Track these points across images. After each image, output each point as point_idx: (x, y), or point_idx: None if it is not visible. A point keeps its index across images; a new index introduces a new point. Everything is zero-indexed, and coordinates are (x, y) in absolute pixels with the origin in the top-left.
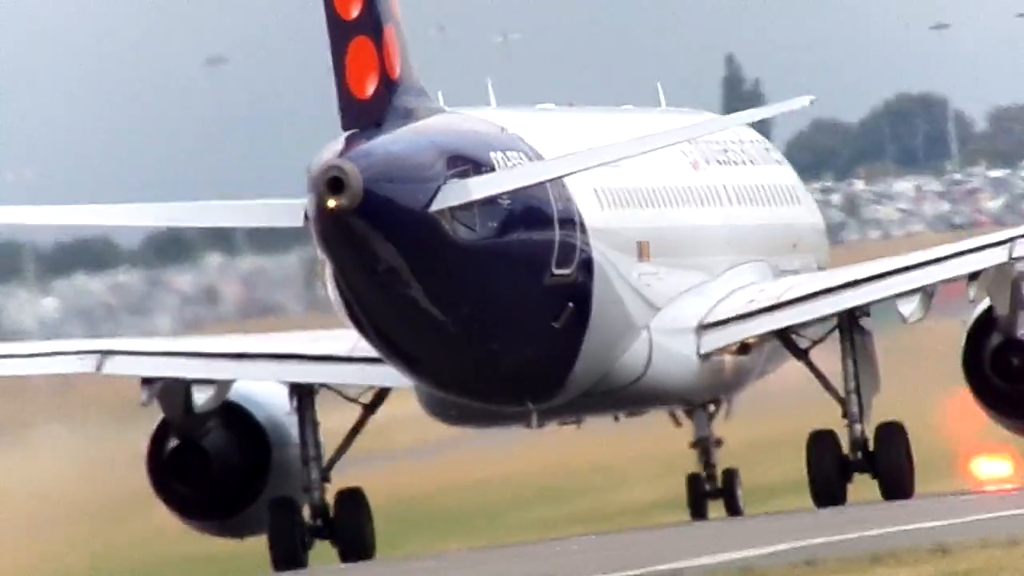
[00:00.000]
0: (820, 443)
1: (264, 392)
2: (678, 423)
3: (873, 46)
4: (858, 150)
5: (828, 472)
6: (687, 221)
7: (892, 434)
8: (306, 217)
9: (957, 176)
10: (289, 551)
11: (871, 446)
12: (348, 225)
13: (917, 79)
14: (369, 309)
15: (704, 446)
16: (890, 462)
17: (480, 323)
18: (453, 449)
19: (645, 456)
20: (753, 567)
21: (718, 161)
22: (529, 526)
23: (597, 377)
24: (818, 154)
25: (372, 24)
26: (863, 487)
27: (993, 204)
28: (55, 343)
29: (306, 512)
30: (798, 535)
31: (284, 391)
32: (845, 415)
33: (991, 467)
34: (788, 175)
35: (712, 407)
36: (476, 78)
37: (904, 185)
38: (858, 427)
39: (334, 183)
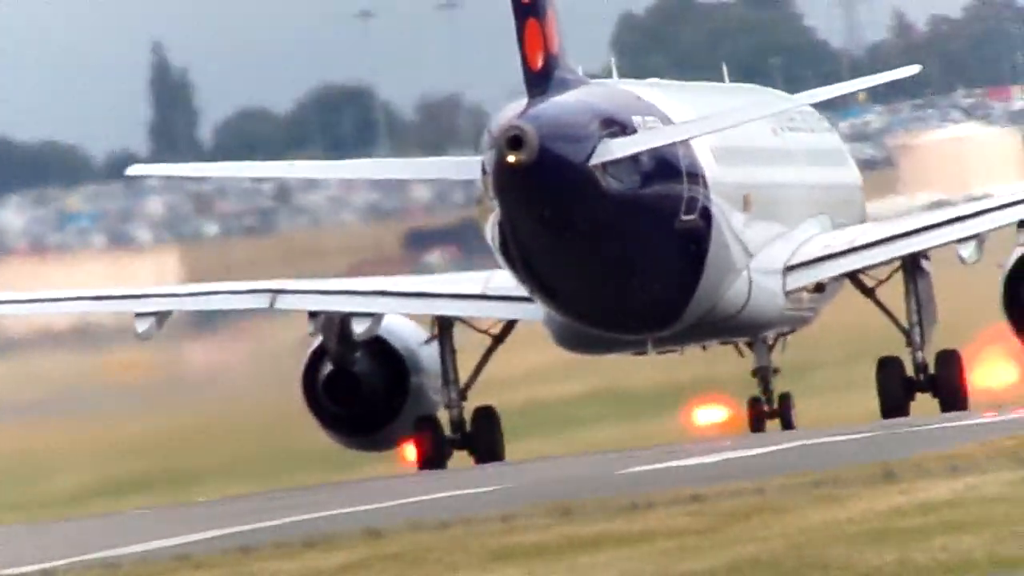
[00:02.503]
0: (888, 367)
1: (400, 325)
2: (741, 353)
3: (301, 33)
4: (288, 139)
5: (895, 391)
6: (775, 178)
7: (949, 359)
8: (483, 171)
9: None
10: (433, 458)
11: (931, 370)
12: (525, 177)
13: (345, 68)
14: (532, 250)
15: (764, 374)
16: (949, 383)
17: (622, 262)
18: None
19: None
20: (189, 554)
21: (788, 128)
22: None
23: (706, 310)
24: (249, 142)
25: (540, 7)
26: None
27: (424, 193)
28: (233, 284)
29: (446, 426)
30: (234, 520)
31: (416, 325)
32: (909, 344)
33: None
34: (836, 140)
35: (771, 340)
36: None
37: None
38: (920, 354)
39: (514, 141)
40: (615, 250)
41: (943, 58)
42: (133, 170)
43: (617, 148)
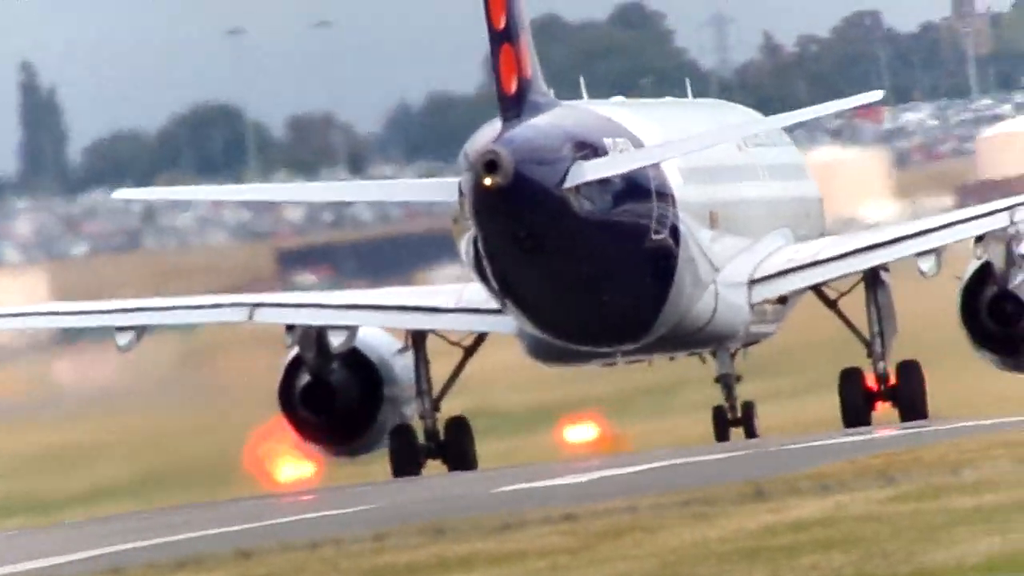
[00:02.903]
0: (849, 377)
1: (374, 337)
2: (704, 361)
3: (171, 52)
4: (157, 159)
5: (856, 401)
6: (740, 194)
7: (910, 370)
8: (460, 192)
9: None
10: (406, 466)
11: (892, 380)
12: (500, 199)
13: (215, 87)
14: (507, 268)
15: (727, 382)
16: (910, 393)
17: (594, 279)
18: None
19: None
20: (58, 575)
21: (752, 144)
22: None
23: (675, 323)
24: (117, 164)
25: (513, 33)
26: None
27: (296, 214)
28: (213, 297)
29: (420, 435)
30: (104, 541)
31: (390, 336)
32: (870, 355)
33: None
34: (798, 155)
35: (733, 349)
36: None
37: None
38: (881, 364)
39: (490, 165)
40: (588, 268)
41: (812, 78)
42: (119, 194)
43: (589, 171)
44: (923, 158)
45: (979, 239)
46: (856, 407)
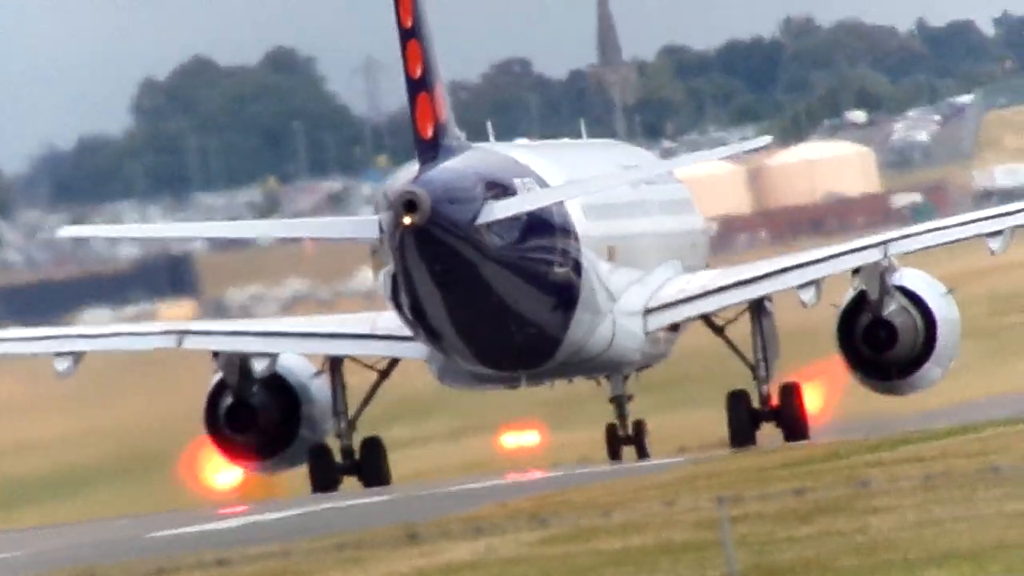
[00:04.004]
0: (736, 400)
1: (293, 361)
2: (599, 383)
3: None
4: None
5: (743, 422)
6: (635, 229)
7: (791, 392)
8: (380, 229)
9: None
10: (324, 483)
11: (775, 401)
12: (418, 236)
13: None
14: (422, 299)
15: (620, 402)
16: (791, 414)
17: (502, 308)
18: None
19: None
20: None
21: (644, 182)
22: None
23: (576, 350)
24: None
25: (428, 82)
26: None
27: None
28: (142, 324)
29: (336, 454)
30: None
31: (307, 361)
32: (755, 378)
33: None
34: (684, 191)
35: (627, 372)
36: None
37: None
38: (765, 387)
39: (409, 204)
40: (497, 298)
41: (463, 125)
42: (66, 231)
43: (499, 210)
44: None
45: (855, 271)
46: (742, 427)
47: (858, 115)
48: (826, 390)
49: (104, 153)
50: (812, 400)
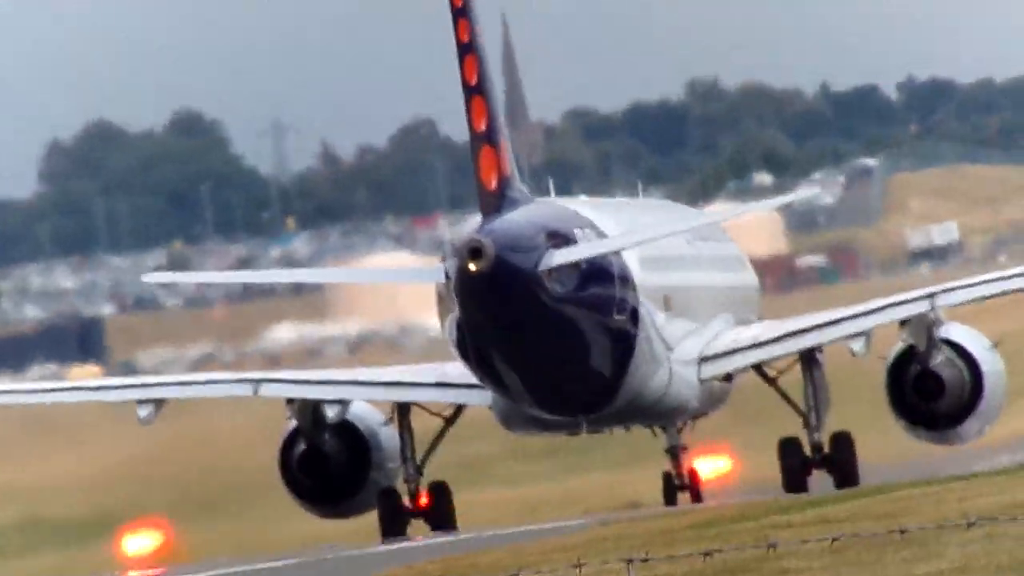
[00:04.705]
0: (788, 447)
1: (363, 408)
2: (655, 433)
3: None
4: None
5: (795, 468)
6: (690, 282)
7: (843, 440)
8: (446, 276)
9: None
10: (392, 527)
11: (826, 449)
12: (483, 282)
13: None
14: (486, 344)
15: (674, 452)
16: (843, 462)
17: (563, 354)
18: None
19: None
20: None
21: (699, 239)
22: None
23: (633, 397)
24: None
25: (493, 136)
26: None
27: None
28: (219, 373)
29: (405, 498)
30: None
31: (375, 409)
32: (806, 425)
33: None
34: (736, 248)
35: (680, 423)
36: None
37: None
38: (816, 435)
39: (475, 252)
40: (558, 344)
41: (371, 187)
42: (150, 277)
43: (560, 257)
44: None
45: (904, 323)
46: (794, 473)
47: (764, 178)
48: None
49: (11, 216)
50: (718, 468)
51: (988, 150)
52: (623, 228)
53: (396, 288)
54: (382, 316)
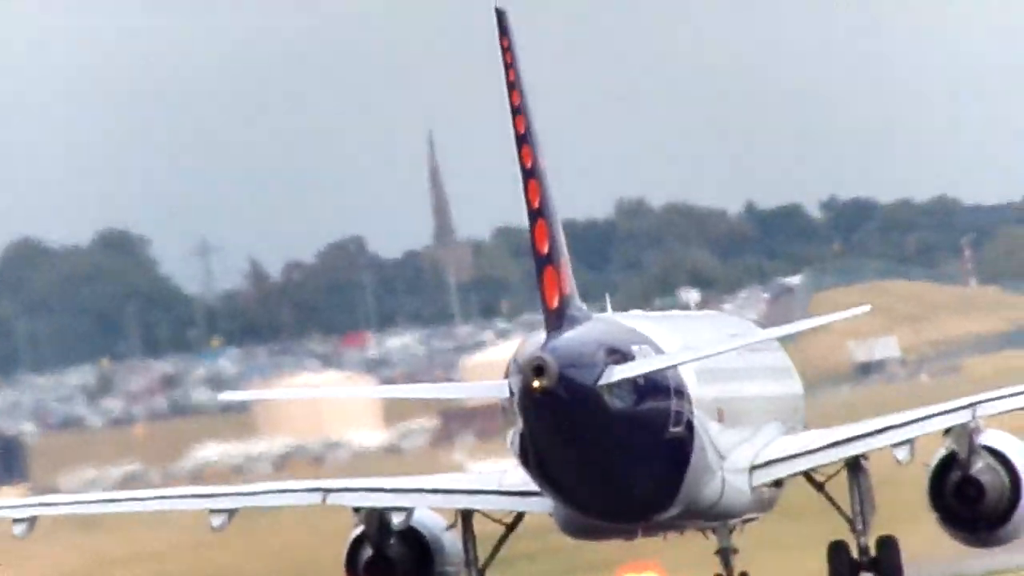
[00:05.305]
0: (837, 550)
1: (425, 515)
2: (706, 536)
3: None
4: None
5: (843, 571)
6: (741, 393)
7: (888, 543)
8: (510, 392)
9: None
10: None
11: (872, 552)
12: (546, 397)
13: None
14: (548, 455)
15: (726, 555)
16: (889, 564)
17: (621, 465)
18: None
19: None
20: None
21: (749, 350)
22: None
23: (688, 504)
24: None
25: (555, 258)
26: None
27: None
28: (288, 483)
29: None
30: None
31: (438, 515)
32: (852, 529)
33: None
34: (784, 358)
35: (731, 525)
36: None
37: None
38: (863, 539)
39: (538, 369)
40: (616, 456)
41: (298, 305)
42: (226, 396)
43: (619, 372)
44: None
45: (946, 431)
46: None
47: (691, 294)
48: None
49: None
50: None
51: (908, 267)
52: (678, 343)
53: (321, 405)
54: (307, 433)
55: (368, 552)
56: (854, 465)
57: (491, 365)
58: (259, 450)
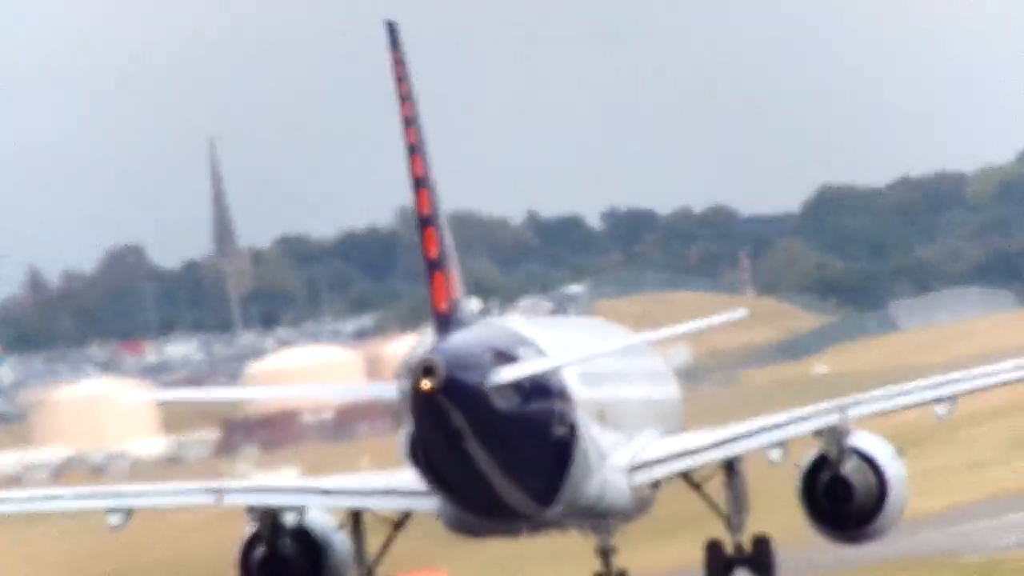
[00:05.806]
0: (712, 548)
1: (316, 515)
2: (586, 535)
3: None
4: None
5: (719, 567)
6: (621, 396)
7: (762, 542)
8: (400, 392)
9: None
10: None
11: (747, 549)
12: (434, 398)
13: None
14: (437, 455)
15: (605, 552)
16: (763, 562)
17: (507, 464)
18: None
19: None
20: None
21: (630, 355)
22: None
23: (571, 502)
24: None
25: (443, 262)
26: None
27: None
28: (185, 484)
29: None
30: None
31: (329, 515)
32: (728, 528)
33: None
34: (662, 363)
35: (611, 524)
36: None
37: None
38: (738, 536)
39: (427, 370)
40: (502, 455)
41: (77, 313)
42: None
43: (506, 374)
44: None
45: (817, 433)
46: (718, 572)
47: (473, 302)
48: None
49: None
50: None
51: (689, 277)
52: (561, 347)
53: (100, 415)
54: (86, 443)
55: (261, 552)
56: (730, 466)
57: (275, 373)
58: (39, 459)
